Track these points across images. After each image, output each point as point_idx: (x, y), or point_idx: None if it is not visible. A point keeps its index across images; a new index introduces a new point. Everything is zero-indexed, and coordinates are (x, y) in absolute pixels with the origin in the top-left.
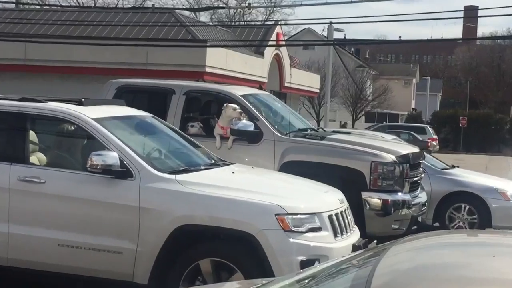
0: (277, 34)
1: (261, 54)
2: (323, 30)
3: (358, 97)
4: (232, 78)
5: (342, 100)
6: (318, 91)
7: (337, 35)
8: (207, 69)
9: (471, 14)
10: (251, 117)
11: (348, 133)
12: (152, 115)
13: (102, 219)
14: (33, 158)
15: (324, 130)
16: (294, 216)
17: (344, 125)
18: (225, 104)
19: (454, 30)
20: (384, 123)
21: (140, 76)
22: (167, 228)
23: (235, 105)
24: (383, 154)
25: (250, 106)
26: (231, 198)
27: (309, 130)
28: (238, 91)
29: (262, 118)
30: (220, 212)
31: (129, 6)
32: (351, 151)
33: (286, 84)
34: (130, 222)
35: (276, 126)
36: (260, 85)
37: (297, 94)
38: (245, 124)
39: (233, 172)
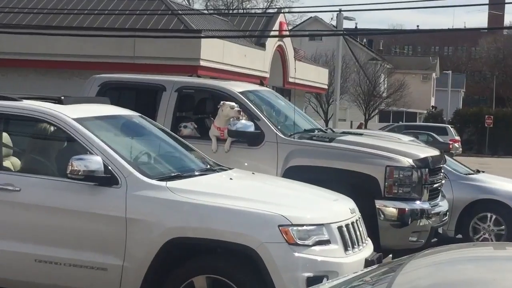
0: (280, 24)
1: (262, 46)
2: (331, 18)
3: (371, 93)
4: (230, 72)
5: (353, 97)
6: (326, 87)
7: (347, 25)
8: (202, 63)
9: (497, 1)
10: (251, 117)
11: (360, 134)
12: (140, 114)
13: (84, 232)
14: (6, 163)
15: (333, 131)
16: (300, 228)
17: (360, 126)
18: (221, 102)
19: (478, 18)
20: (400, 123)
21: (126, 71)
22: (157, 241)
23: (233, 103)
24: (399, 158)
25: (250, 104)
26: (229, 208)
27: (316, 131)
28: (237, 87)
29: (264, 118)
30: (216, 223)
31: None
32: (363, 155)
33: (290, 80)
34: (115, 235)
35: (279, 127)
36: (261, 81)
37: (303, 90)
38: (245, 124)
39: (231, 178)
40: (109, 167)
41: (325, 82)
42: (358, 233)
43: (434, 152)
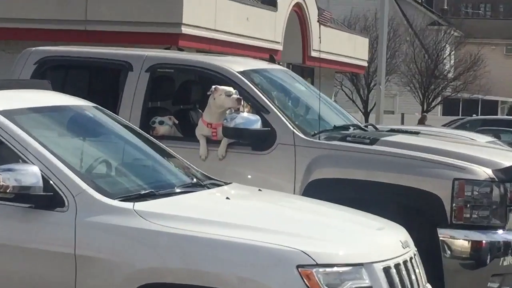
0: None
1: (272, 4)
2: None
3: (431, 74)
4: (225, 43)
5: (405, 80)
6: (365, 64)
7: None
8: (184, 30)
9: None
10: (257, 108)
11: (416, 133)
12: (95, 105)
13: (14, 275)
14: None
15: (376, 129)
16: (328, 269)
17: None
18: (213, 87)
19: None
20: (475, 116)
21: (75, 42)
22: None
23: (229, 88)
24: (473, 168)
25: (255, 90)
26: (225, 241)
27: (351, 128)
28: (235, 65)
29: (275, 109)
30: (206, 263)
31: None
32: (420, 163)
33: (313, 54)
34: (60, 280)
35: (297, 122)
36: (271, 56)
37: (331, 69)
38: (247, 119)
39: (227, 198)
40: (51, 182)
41: (364, 57)
42: (413, 276)
43: None
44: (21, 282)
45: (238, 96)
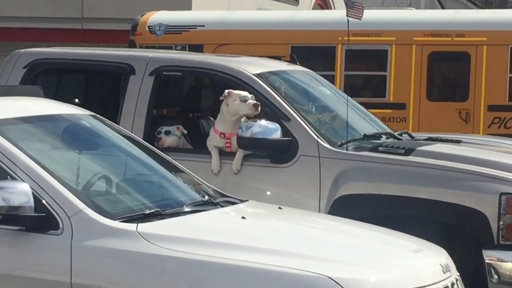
0: None
1: None
2: None
3: None
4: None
5: None
6: None
7: None
8: None
9: None
10: (277, 115)
11: (458, 141)
12: (92, 113)
13: None
14: None
15: (412, 137)
16: None
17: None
18: (226, 92)
19: None
20: None
21: (70, 43)
22: None
23: (245, 93)
24: None
25: (274, 95)
26: (240, 266)
27: (384, 136)
28: (251, 66)
29: (296, 116)
30: None
31: None
32: (462, 175)
33: None
34: None
35: (322, 131)
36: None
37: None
38: (266, 127)
39: (244, 217)
40: (43, 201)
41: None
42: None
43: None
44: None
45: (255, 102)
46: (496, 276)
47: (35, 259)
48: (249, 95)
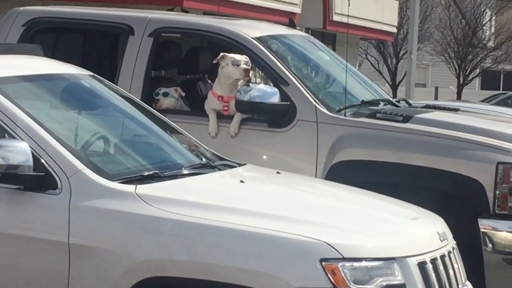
0: None
1: None
2: None
3: (469, 42)
4: (236, 5)
5: (438, 49)
6: (394, 30)
7: None
8: None
9: None
10: (275, 79)
11: (455, 110)
12: (91, 73)
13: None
14: None
15: (410, 104)
16: (356, 264)
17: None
18: (220, 55)
19: None
20: None
21: (68, 2)
22: (120, 283)
23: (239, 56)
24: None
25: (273, 59)
26: (238, 230)
27: (382, 103)
28: (251, 30)
29: (295, 81)
30: (216, 255)
31: None
32: (459, 144)
33: (335, 18)
34: (52, 272)
35: (320, 96)
36: (291, 20)
37: (355, 35)
38: (264, 91)
39: (242, 181)
40: (42, 160)
41: (392, 22)
42: (451, 272)
43: None
44: (6, 273)
45: (246, 66)
46: (490, 245)
47: (33, 218)
48: (243, 60)
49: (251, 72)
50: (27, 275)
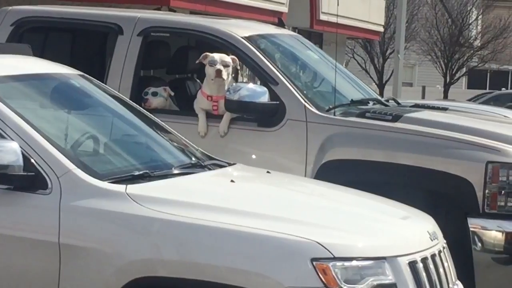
0: None
1: None
2: None
3: (455, 41)
4: (223, 5)
5: (425, 48)
6: (381, 29)
7: None
8: None
9: None
10: (264, 79)
11: (444, 109)
12: (81, 73)
13: None
14: None
15: (399, 104)
16: (347, 263)
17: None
18: (202, 55)
19: None
20: (504, 90)
21: (58, 2)
22: (111, 283)
23: (218, 56)
24: (509, 149)
25: (262, 58)
26: (227, 229)
27: (371, 102)
28: (240, 29)
29: (284, 80)
30: (205, 254)
31: None
32: (449, 143)
33: (322, 17)
34: (41, 272)
35: (309, 95)
36: (280, 19)
37: (343, 34)
38: (253, 91)
39: (232, 181)
40: (32, 160)
41: (379, 21)
42: (441, 270)
43: None
44: None
45: (218, 67)
46: (480, 244)
47: (23, 219)
48: (220, 60)
49: (239, 72)
50: (17, 275)
